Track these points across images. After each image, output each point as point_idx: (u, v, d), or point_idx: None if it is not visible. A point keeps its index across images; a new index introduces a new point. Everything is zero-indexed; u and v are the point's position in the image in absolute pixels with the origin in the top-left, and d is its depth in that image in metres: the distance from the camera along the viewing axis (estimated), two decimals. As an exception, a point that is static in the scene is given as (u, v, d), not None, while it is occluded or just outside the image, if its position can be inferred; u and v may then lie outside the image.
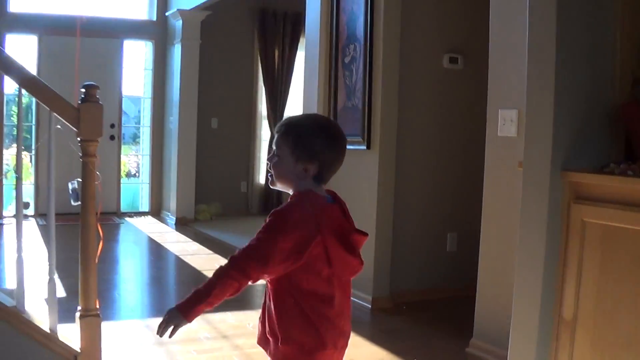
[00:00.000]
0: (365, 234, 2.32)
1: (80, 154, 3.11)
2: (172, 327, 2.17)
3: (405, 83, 5.57)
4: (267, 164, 2.28)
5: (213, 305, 2.18)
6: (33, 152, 10.32)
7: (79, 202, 3.19)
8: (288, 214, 2.17)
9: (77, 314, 3.19)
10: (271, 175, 2.27)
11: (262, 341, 2.28)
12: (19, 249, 3.15)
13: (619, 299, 2.65)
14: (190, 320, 2.17)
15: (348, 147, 2.38)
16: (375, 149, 5.49)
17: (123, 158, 11.56)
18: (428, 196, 5.80)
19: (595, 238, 2.74)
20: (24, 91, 3.13)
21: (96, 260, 3.21)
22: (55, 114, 3.09)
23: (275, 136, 2.26)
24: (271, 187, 2.32)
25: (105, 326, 4.48)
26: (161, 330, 2.19)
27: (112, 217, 10.45)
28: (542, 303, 2.90)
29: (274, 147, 2.26)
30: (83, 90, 3.10)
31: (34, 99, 9.59)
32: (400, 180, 5.63)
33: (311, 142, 2.22)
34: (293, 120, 2.29)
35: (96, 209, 3.23)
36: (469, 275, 4.87)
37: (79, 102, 3.10)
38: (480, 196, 4.44)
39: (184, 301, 2.16)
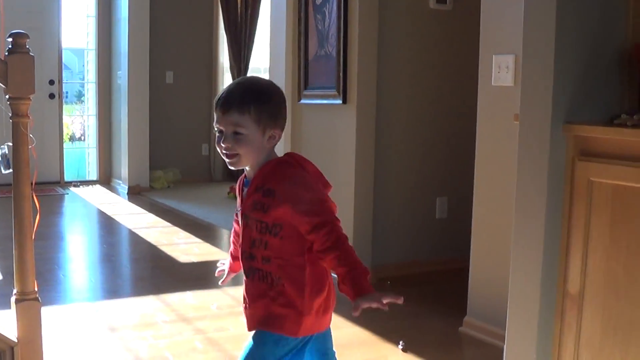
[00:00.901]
0: None
1: (10, 114, 3.04)
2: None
3: (385, 27, 5.51)
4: (224, 146, 2.33)
5: None
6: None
7: (10, 170, 3.14)
8: (300, 180, 2.34)
9: (13, 299, 3.14)
10: (233, 156, 2.34)
11: (264, 322, 2.37)
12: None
13: (633, 270, 2.63)
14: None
15: (321, 101, 2.44)
16: (352, 104, 5.44)
17: (66, 119, 11.49)
18: (414, 156, 5.77)
19: (604, 200, 2.71)
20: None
21: (33, 236, 3.15)
22: (-22, 69, 3.02)
23: (225, 116, 2.32)
24: (234, 168, 2.41)
25: (49, 311, 4.47)
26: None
27: (55, 187, 10.37)
28: (544, 275, 2.88)
29: (231, 128, 2.32)
30: (10, 40, 3.03)
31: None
32: (381, 139, 5.58)
33: (270, 108, 2.36)
34: (241, 91, 2.35)
35: (31, 177, 3.17)
36: (462, 245, 4.87)
37: (6, 53, 3.03)
38: (472, 154, 4.42)
39: (359, 284, 2.24)
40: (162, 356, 3.91)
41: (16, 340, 3.12)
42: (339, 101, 5.48)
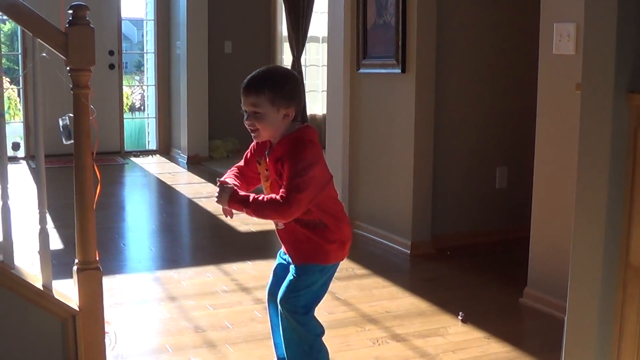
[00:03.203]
0: None
1: (71, 86, 3.07)
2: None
3: (445, -6, 5.46)
4: (248, 123, 2.94)
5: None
6: (21, 85, 10.28)
7: (72, 141, 3.16)
8: (306, 151, 2.91)
9: (75, 268, 3.18)
10: (255, 131, 2.95)
11: (311, 257, 3.04)
12: (4, 195, 3.12)
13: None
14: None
15: (379, 70, 2.62)
16: (411, 73, 5.41)
17: (125, 90, 11.57)
18: (473, 126, 5.73)
19: (667, 170, 2.67)
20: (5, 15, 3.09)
21: (94, 206, 3.19)
22: (39, 40, 3.05)
23: (247, 98, 2.93)
24: (258, 140, 3.04)
25: (109, 281, 4.54)
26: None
27: (115, 157, 10.50)
28: (606, 246, 2.85)
29: (251, 108, 2.91)
30: (70, 12, 3.05)
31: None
32: (441, 109, 5.55)
33: (284, 91, 2.92)
34: (258, 78, 2.95)
35: (92, 148, 3.20)
36: (522, 215, 4.84)
37: (67, 25, 3.05)
38: (533, 124, 4.38)
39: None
40: (222, 325, 3.95)
41: (78, 309, 3.16)
42: (398, 70, 5.45)
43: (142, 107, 13.65)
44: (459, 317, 4.10)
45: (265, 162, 3.03)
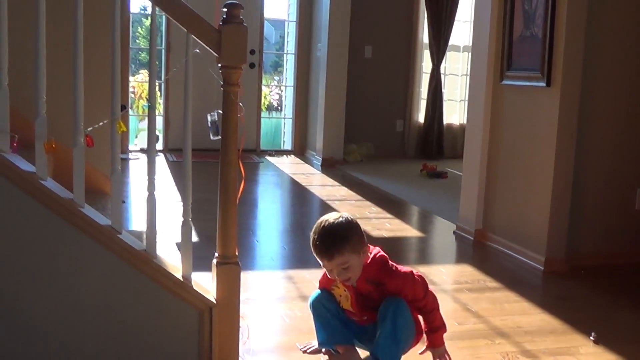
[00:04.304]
0: None
1: (222, 82, 3.15)
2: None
3: (595, 7, 5.37)
4: (343, 279, 3.30)
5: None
6: (162, 80, 10.56)
7: (219, 137, 3.25)
8: (400, 271, 3.38)
9: (214, 262, 3.26)
10: (348, 279, 3.31)
11: None
12: (151, 186, 3.22)
13: None
14: None
15: (523, 83, 2.57)
16: (556, 87, 5.34)
17: (263, 89, 11.74)
18: (616, 144, 5.62)
19: None
20: (157, 11, 3.18)
21: (237, 201, 3.28)
22: (193, 36, 3.14)
23: (331, 261, 3.24)
24: (352, 285, 3.37)
25: (243, 276, 4.60)
26: None
27: (251, 155, 10.70)
28: None
29: (339, 267, 3.24)
30: (225, 10, 3.13)
31: (163, 19, 9.82)
32: (584, 125, 5.46)
33: (355, 238, 3.26)
34: (331, 240, 3.22)
35: (238, 144, 3.28)
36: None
37: (220, 23, 3.14)
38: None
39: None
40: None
41: (215, 302, 3.24)
42: (543, 83, 5.39)
43: (279, 107, 13.84)
44: (591, 338, 4.04)
45: (343, 286, 3.41)
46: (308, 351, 3.61)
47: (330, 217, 3.30)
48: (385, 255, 3.39)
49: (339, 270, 3.24)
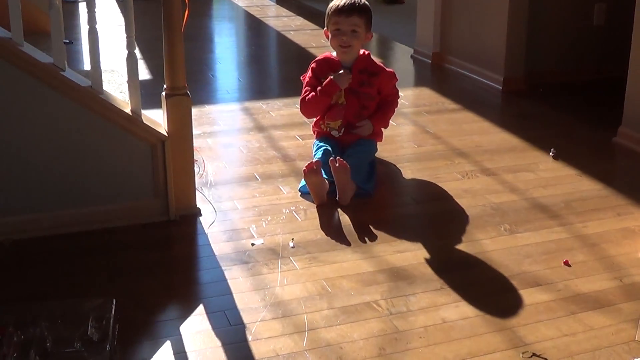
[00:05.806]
0: None
1: None
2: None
3: None
4: (346, 39, 3.69)
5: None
6: None
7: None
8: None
9: (163, 94, 3.19)
10: (348, 47, 3.72)
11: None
12: (92, 20, 3.09)
13: None
14: None
15: None
16: None
17: None
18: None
19: None
20: None
21: (182, 30, 3.16)
22: None
23: (349, 18, 3.66)
24: (346, 58, 3.79)
25: (198, 110, 4.58)
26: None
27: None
28: None
29: (351, 27, 3.67)
30: None
31: None
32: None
33: (371, 19, 3.78)
34: (357, 4, 3.67)
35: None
36: (619, 53, 4.70)
37: None
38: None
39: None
40: (309, 155, 3.93)
41: (166, 135, 3.17)
42: None
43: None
44: (550, 154, 4.05)
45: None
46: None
47: None
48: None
49: (349, 32, 3.69)
